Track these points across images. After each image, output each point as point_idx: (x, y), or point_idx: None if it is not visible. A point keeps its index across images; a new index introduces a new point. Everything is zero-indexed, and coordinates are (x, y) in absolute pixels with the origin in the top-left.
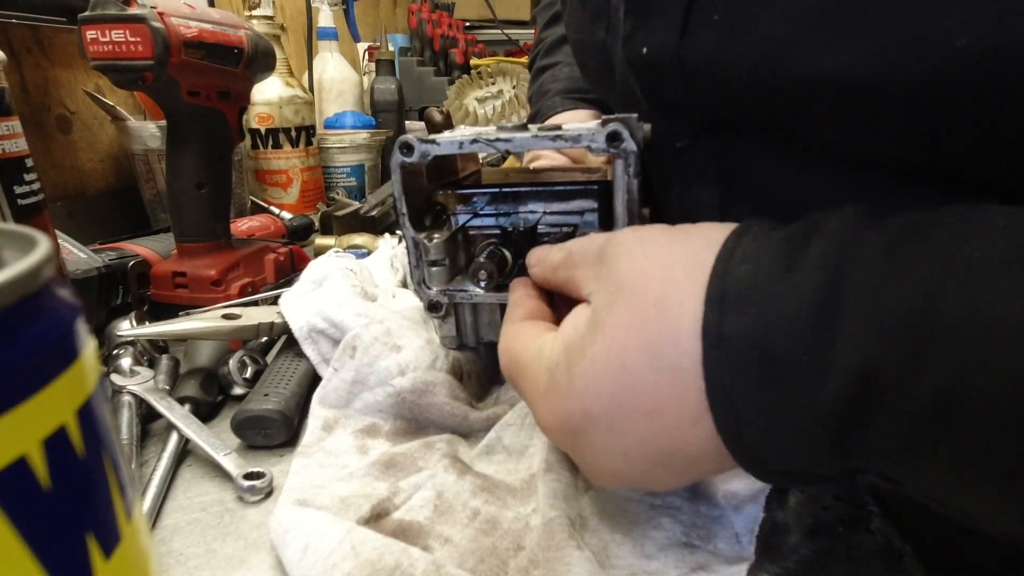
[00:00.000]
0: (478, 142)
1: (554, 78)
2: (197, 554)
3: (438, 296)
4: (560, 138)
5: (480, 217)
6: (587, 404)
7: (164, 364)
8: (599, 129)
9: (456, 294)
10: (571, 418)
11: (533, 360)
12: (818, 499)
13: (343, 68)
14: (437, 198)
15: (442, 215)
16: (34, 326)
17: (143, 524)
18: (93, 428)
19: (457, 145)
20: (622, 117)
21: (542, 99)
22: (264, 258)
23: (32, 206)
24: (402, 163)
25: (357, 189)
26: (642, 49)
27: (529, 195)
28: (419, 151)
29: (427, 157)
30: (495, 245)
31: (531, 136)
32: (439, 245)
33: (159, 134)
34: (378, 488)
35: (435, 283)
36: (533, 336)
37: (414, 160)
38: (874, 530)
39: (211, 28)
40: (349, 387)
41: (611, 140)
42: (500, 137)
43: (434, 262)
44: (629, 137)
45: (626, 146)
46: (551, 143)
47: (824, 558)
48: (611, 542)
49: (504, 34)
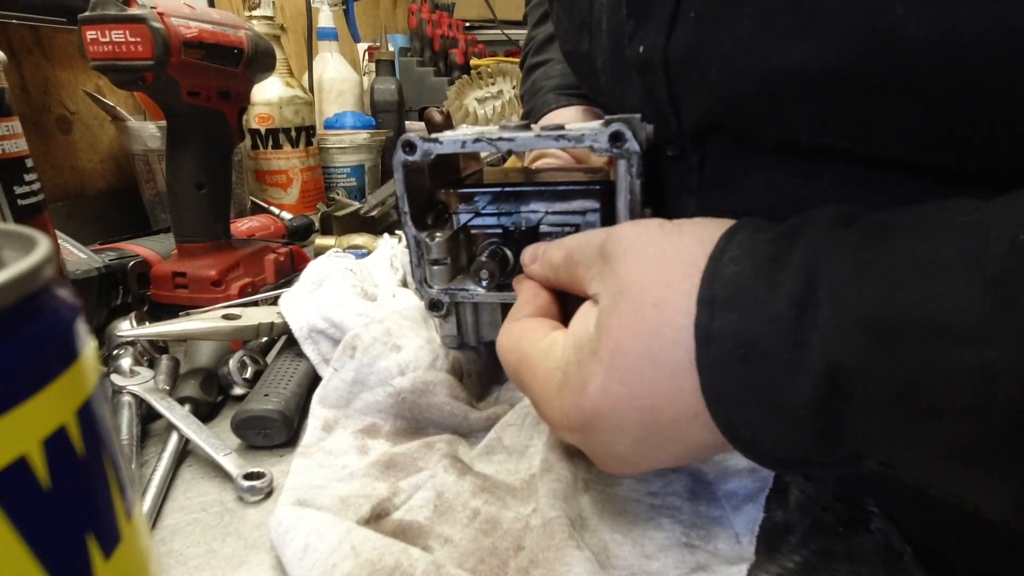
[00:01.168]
0: (481, 141)
1: (547, 75)
2: (197, 554)
3: (439, 295)
4: (563, 138)
5: (482, 216)
6: (597, 403)
7: (164, 364)
8: (602, 129)
9: (457, 293)
10: (583, 416)
11: (542, 358)
12: (818, 499)
13: (343, 68)
14: (439, 197)
15: (444, 214)
16: (34, 326)
17: (143, 524)
18: (93, 428)
19: (460, 144)
20: (625, 117)
21: (535, 96)
22: (264, 258)
23: (32, 206)
24: (405, 161)
25: (357, 189)
26: (639, 48)
27: (531, 195)
28: (422, 149)
29: (430, 156)
30: (497, 244)
31: (534, 136)
32: (441, 244)
33: (159, 134)
34: (378, 488)
35: (436, 282)
36: (541, 334)
37: (417, 159)
38: (874, 530)
39: (211, 28)
40: (349, 387)
41: (614, 140)
42: (503, 136)
43: (435, 261)
44: (632, 137)
45: (629, 146)
46: (554, 143)
47: (824, 558)
48: (611, 542)
49: (504, 34)
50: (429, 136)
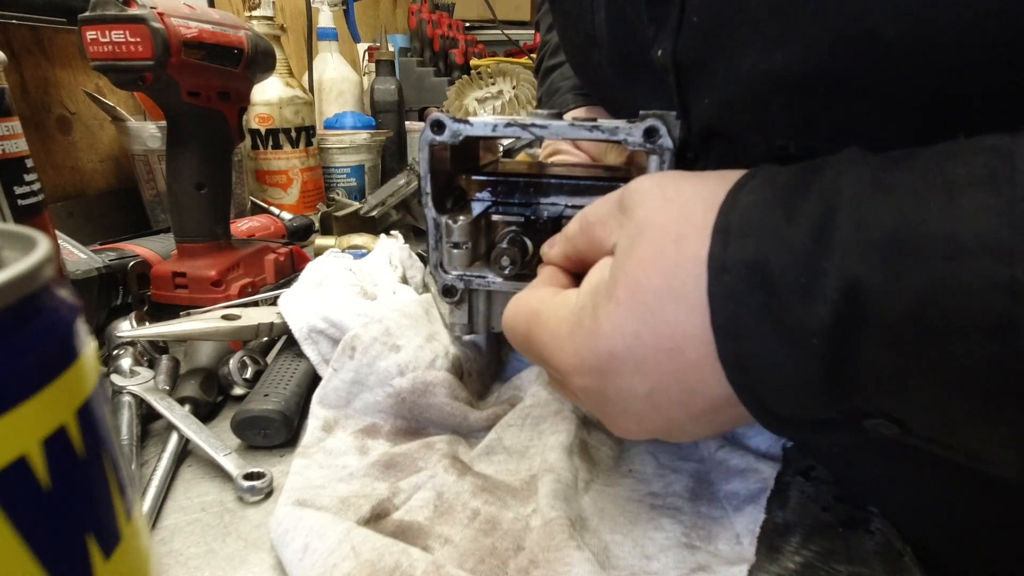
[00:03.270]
0: (513, 126)
1: (563, 76)
2: (197, 554)
3: (455, 281)
4: (597, 129)
5: (502, 205)
6: (614, 344)
7: (164, 364)
8: (637, 123)
9: (473, 280)
10: (598, 358)
11: (556, 308)
12: (818, 499)
13: (343, 68)
14: (459, 182)
15: (462, 200)
16: (34, 326)
17: (143, 524)
18: (93, 428)
19: (491, 127)
20: (660, 113)
21: (553, 97)
22: (264, 258)
23: (32, 206)
24: (432, 141)
25: (357, 189)
26: (658, 52)
27: (552, 187)
28: (451, 130)
29: (458, 137)
30: (517, 232)
31: (567, 124)
32: (463, 227)
33: (159, 134)
34: (378, 489)
35: (454, 267)
36: (552, 292)
37: (444, 139)
38: (874, 530)
39: (211, 28)
40: (349, 387)
41: (648, 135)
42: (536, 123)
43: (456, 244)
44: (666, 133)
45: (663, 142)
46: (588, 133)
47: (824, 558)
48: (611, 542)
49: (504, 34)
50: (460, 117)
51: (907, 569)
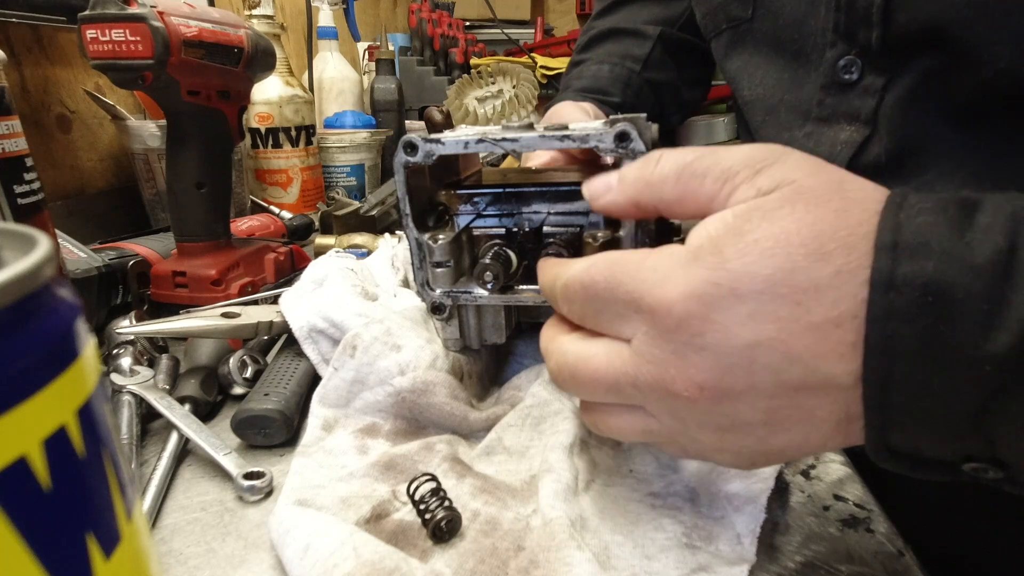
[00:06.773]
0: (484, 141)
1: (579, 75)
2: (197, 554)
3: (442, 298)
4: (567, 138)
5: (483, 217)
6: (739, 282)
7: (164, 363)
8: (607, 129)
9: (460, 296)
10: (716, 291)
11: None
12: (818, 499)
13: (343, 67)
14: (439, 198)
15: (444, 215)
16: (34, 326)
17: (143, 524)
18: (93, 428)
19: (463, 145)
20: (630, 117)
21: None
22: (264, 258)
23: (32, 205)
24: (406, 163)
25: (357, 189)
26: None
27: (533, 195)
28: (424, 151)
29: (431, 157)
30: (500, 246)
31: (538, 136)
32: (444, 246)
33: (159, 133)
34: (378, 489)
35: (439, 285)
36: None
37: (418, 160)
38: (874, 530)
39: (211, 27)
40: (349, 387)
41: (619, 140)
42: (506, 136)
43: (438, 264)
44: (638, 137)
45: (634, 146)
46: (558, 143)
47: (824, 558)
48: (612, 543)
49: (504, 34)
50: (431, 137)
51: (907, 569)
